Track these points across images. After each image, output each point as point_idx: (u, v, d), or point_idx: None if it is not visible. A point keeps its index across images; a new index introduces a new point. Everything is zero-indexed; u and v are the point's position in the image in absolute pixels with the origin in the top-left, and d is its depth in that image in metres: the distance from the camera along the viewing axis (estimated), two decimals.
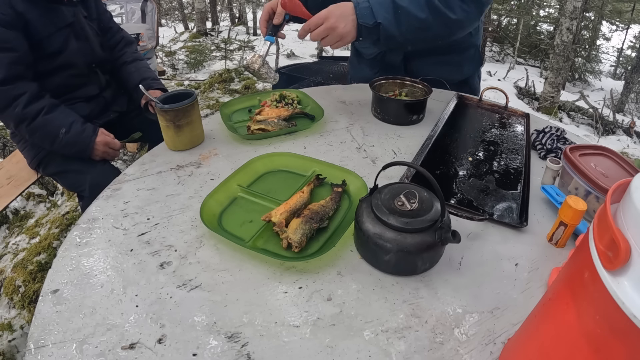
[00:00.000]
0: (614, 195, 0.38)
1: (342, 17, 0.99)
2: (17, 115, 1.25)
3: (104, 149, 1.40)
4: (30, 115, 1.27)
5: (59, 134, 1.30)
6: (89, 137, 1.36)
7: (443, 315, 0.62)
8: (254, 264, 0.70)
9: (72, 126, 1.33)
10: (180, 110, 0.98)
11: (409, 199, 0.68)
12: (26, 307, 1.74)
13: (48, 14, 1.31)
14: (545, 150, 1.05)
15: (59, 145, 1.33)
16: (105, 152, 1.41)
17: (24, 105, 1.25)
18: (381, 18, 1.01)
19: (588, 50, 7.57)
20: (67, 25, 1.37)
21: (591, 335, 0.36)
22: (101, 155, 1.41)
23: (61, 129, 1.31)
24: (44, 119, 1.29)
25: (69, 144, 1.34)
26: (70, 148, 1.35)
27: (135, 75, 1.59)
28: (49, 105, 1.30)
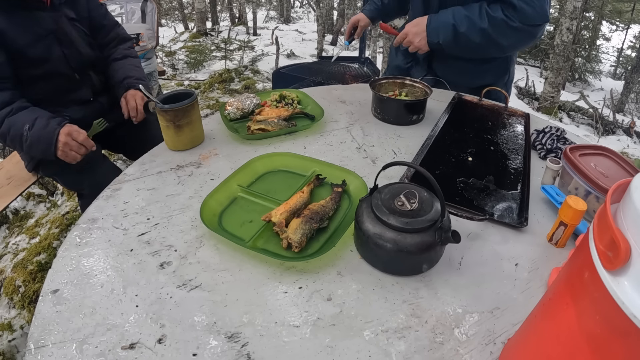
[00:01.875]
0: (614, 195, 0.38)
1: (416, 34, 1.30)
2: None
3: (65, 140, 1.16)
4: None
5: (23, 132, 1.16)
6: (52, 130, 1.16)
7: (443, 315, 0.62)
8: (254, 264, 0.70)
9: (36, 122, 1.17)
10: (180, 110, 0.98)
11: (409, 199, 0.68)
12: (26, 307, 1.74)
13: (25, 23, 1.23)
14: (545, 150, 1.05)
15: (26, 145, 1.18)
16: (67, 143, 1.17)
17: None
18: (442, 39, 1.26)
19: (588, 50, 7.57)
20: (49, 33, 1.27)
21: (591, 335, 0.36)
22: (62, 148, 1.17)
23: (24, 126, 1.17)
24: (9, 121, 1.17)
25: (34, 142, 1.17)
26: (36, 146, 1.18)
27: (120, 72, 1.46)
28: (16, 108, 1.19)
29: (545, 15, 1.19)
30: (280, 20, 9.65)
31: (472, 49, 1.27)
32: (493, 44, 1.25)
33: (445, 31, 1.25)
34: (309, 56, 6.10)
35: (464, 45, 1.26)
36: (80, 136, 1.19)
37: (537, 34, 1.22)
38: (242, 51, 5.99)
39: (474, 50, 1.28)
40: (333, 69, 3.21)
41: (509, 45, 1.26)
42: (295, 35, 7.37)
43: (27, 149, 1.20)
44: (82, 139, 1.19)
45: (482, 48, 1.26)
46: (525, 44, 1.29)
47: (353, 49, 6.23)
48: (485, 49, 1.27)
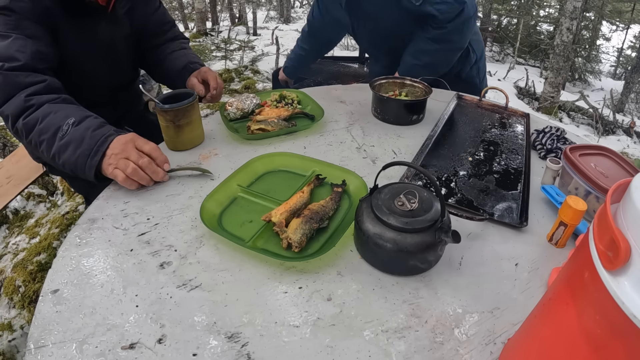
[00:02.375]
0: (614, 195, 0.38)
1: None
2: (18, 103, 0.90)
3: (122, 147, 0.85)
4: (33, 104, 0.90)
5: (63, 125, 0.87)
6: (104, 135, 0.87)
7: (443, 315, 0.62)
8: (254, 264, 0.70)
9: (87, 119, 0.89)
10: (180, 110, 0.98)
11: (409, 199, 0.68)
12: (26, 307, 1.74)
13: (82, 30, 1.08)
14: (545, 150, 1.05)
15: (59, 145, 0.87)
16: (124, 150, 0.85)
17: (31, 92, 0.91)
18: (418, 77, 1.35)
19: (588, 50, 7.57)
20: (101, 46, 1.14)
21: (591, 335, 0.36)
22: (116, 164, 0.84)
23: (69, 119, 0.88)
24: (49, 107, 0.90)
25: (74, 142, 0.86)
26: (73, 150, 0.86)
27: (182, 59, 1.26)
28: (64, 98, 0.95)
29: (460, 1, 1.32)
30: (280, 20, 9.65)
31: (443, 65, 1.48)
32: (451, 51, 1.45)
33: (413, 72, 1.43)
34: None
35: (435, 68, 1.45)
36: (148, 145, 0.88)
37: (467, 16, 1.35)
38: (242, 51, 5.99)
39: (445, 65, 1.49)
40: (333, 69, 3.21)
41: (461, 40, 1.43)
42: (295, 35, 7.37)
43: (58, 150, 0.87)
44: (149, 148, 0.87)
45: (447, 59, 1.48)
46: (470, 28, 1.40)
47: (353, 49, 6.22)
48: (451, 57, 1.48)
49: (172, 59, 1.28)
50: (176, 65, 1.25)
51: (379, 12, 1.44)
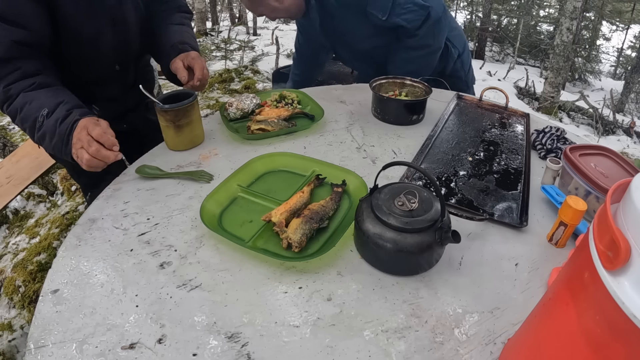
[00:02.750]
0: (614, 195, 0.38)
1: None
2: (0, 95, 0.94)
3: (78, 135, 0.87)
4: (11, 94, 0.93)
5: (39, 117, 0.91)
6: (70, 124, 0.89)
7: (443, 315, 0.62)
8: (254, 264, 0.70)
9: (58, 108, 0.92)
10: (180, 110, 0.98)
11: (409, 199, 0.68)
12: (26, 307, 1.74)
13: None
14: (545, 150, 1.05)
15: (38, 135, 0.93)
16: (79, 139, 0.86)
17: (8, 82, 0.93)
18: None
19: (588, 50, 7.57)
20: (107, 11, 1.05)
21: (591, 335, 0.36)
22: (76, 152, 0.87)
23: (42, 110, 0.91)
24: (25, 97, 0.93)
25: (48, 132, 0.90)
26: (49, 139, 0.91)
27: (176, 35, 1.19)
28: (38, 83, 0.95)
29: (423, 6, 1.34)
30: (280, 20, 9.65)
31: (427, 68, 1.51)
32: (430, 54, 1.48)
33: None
34: None
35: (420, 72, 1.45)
36: (95, 131, 0.86)
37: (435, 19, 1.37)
38: (242, 51, 5.99)
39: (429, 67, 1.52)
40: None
41: (436, 42, 1.45)
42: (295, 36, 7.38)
43: (39, 140, 0.94)
44: (96, 133, 0.85)
45: (430, 62, 1.51)
46: (441, 29, 1.43)
47: None
48: (432, 60, 1.51)
49: (166, 33, 1.21)
50: (167, 41, 1.18)
51: (352, 30, 1.47)
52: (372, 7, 1.34)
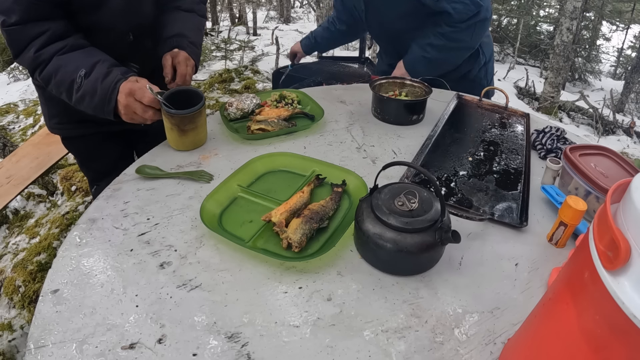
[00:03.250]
0: (614, 195, 0.38)
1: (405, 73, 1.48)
2: (29, 59, 0.93)
3: (126, 102, 0.91)
4: (43, 59, 0.92)
5: (76, 78, 0.91)
6: (113, 83, 0.92)
7: (443, 315, 0.62)
8: (254, 264, 0.70)
9: (96, 67, 0.92)
10: (186, 117, 0.95)
11: (409, 199, 0.68)
12: (26, 307, 1.74)
13: None
14: (545, 150, 1.05)
15: (77, 97, 0.93)
16: (128, 106, 0.91)
17: (39, 46, 0.91)
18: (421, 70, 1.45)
19: (588, 50, 7.57)
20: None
21: (591, 335, 0.36)
22: (124, 112, 0.93)
23: (80, 71, 0.91)
24: (59, 60, 0.92)
25: (88, 93, 0.92)
26: (89, 100, 0.93)
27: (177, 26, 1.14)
28: (71, 45, 0.94)
29: (476, 2, 1.31)
30: (280, 20, 9.65)
31: (449, 63, 1.48)
32: (460, 50, 1.45)
33: (420, 63, 1.46)
34: (309, 56, 6.09)
35: (441, 65, 1.46)
36: (146, 97, 0.91)
37: (481, 19, 1.35)
38: (242, 51, 5.99)
39: (452, 63, 1.49)
40: (333, 69, 3.21)
41: (472, 41, 1.43)
42: (295, 35, 7.37)
43: (77, 101, 0.94)
44: (147, 100, 0.91)
45: (455, 58, 1.47)
46: (482, 30, 1.41)
47: (353, 49, 6.22)
48: (458, 57, 1.48)
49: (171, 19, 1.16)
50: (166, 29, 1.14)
51: (393, 4, 1.43)
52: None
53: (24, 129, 3.57)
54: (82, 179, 2.54)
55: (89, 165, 1.37)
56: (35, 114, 3.92)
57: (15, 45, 0.93)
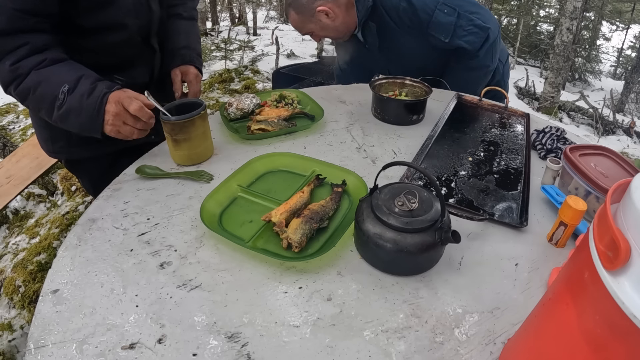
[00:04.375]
0: (614, 195, 0.38)
1: None
2: (4, 72, 0.86)
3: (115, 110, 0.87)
4: (20, 73, 0.86)
5: (59, 94, 0.86)
6: (99, 96, 0.87)
7: (443, 315, 0.62)
8: (254, 264, 0.70)
9: (80, 82, 0.87)
10: (176, 124, 0.90)
11: (409, 199, 0.68)
12: (26, 307, 1.74)
13: None
14: (545, 150, 1.05)
15: (59, 114, 0.88)
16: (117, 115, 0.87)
17: (15, 59, 0.85)
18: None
19: (588, 50, 7.57)
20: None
21: (591, 335, 0.36)
22: (112, 122, 0.87)
23: (62, 86, 0.86)
24: (38, 75, 0.86)
25: (73, 110, 0.86)
26: (75, 117, 0.87)
27: (182, 38, 1.14)
28: (50, 58, 0.87)
29: (483, 27, 1.37)
30: (280, 20, 9.65)
31: (483, 84, 1.52)
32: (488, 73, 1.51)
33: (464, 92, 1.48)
34: (309, 56, 6.10)
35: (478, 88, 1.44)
36: (133, 105, 0.86)
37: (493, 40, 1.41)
38: (242, 51, 5.99)
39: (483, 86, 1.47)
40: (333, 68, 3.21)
41: (493, 62, 1.49)
42: (295, 35, 7.37)
43: (60, 119, 0.88)
44: (134, 109, 0.86)
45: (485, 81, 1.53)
46: (498, 47, 1.47)
47: None
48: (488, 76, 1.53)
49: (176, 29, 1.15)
50: (173, 41, 1.14)
51: (410, 51, 1.49)
52: (434, 30, 1.36)
53: (24, 129, 3.57)
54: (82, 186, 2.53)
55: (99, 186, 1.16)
56: None
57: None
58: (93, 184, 1.28)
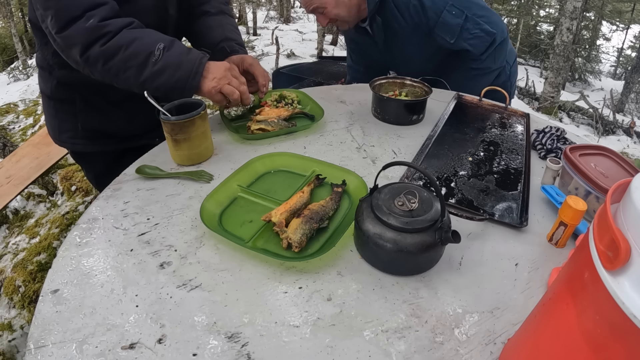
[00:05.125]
0: (614, 195, 0.38)
1: None
2: (88, 29, 0.84)
3: (223, 74, 0.93)
4: (109, 30, 0.86)
5: (154, 51, 0.88)
6: (198, 58, 0.92)
7: (443, 315, 0.62)
8: (254, 264, 0.70)
9: (175, 43, 0.91)
10: (176, 124, 0.90)
11: (409, 199, 0.68)
12: (26, 307, 1.74)
13: None
14: (545, 150, 1.05)
15: (153, 70, 0.89)
16: (225, 77, 0.93)
17: (101, 17, 0.85)
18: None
19: (588, 50, 7.57)
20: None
21: (591, 335, 0.36)
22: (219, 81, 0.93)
23: (158, 44, 0.88)
24: (131, 33, 0.87)
25: (171, 65, 0.89)
26: (171, 71, 0.89)
27: (217, 31, 1.13)
28: (138, 24, 0.91)
29: (490, 32, 1.36)
30: (280, 20, 9.65)
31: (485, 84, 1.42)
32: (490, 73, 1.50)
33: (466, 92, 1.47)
34: (309, 56, 6.10)
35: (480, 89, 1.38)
36: (242, 77, 0.96)
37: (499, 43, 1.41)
38: None
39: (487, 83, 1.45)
40: (333, 69, 3.21)
41: (496, 64, 1.48)
42: (295, 35, 7.37)
43: (152, 76, 0.89)
44: (244, 79, 0.96)
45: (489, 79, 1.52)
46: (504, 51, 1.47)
47: None
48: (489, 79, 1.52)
49: (207, 25, 1.14)
50: (209, 37, 1.13)
51: (415, 50, 1.50)
52: (441, 30, 1.37)
53: (24, 129, 3.57)
54: (82, 179, 2.54)
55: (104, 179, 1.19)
56: (35, 114, 3.92)
57: (66, 14, 0.84)
58: (96, 178, 1.30)
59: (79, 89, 1.10)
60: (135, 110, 1.16)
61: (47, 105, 1.17)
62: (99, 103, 1.13)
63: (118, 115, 1.17)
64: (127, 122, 1.19)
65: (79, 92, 1.11)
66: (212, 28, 1.14)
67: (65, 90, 1.11)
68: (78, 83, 1.08)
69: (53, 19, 0.85)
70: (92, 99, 1.12)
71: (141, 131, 1.24)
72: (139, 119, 1.20)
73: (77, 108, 1.13)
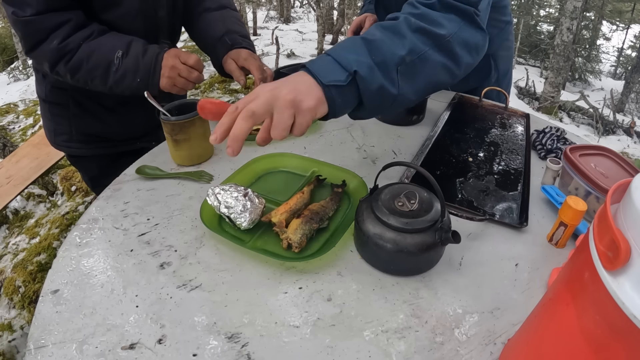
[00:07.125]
0: (614, 195, 0.38)
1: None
2: (51, 51, 0.89)
3: (172, 63, 0.93)
4: (71, 48, 0.89)
5: (114, 59, 0.91)
6: (154, 55, 0.93)
7: (443, 315, 0.62)
8: (254, 264, 0.70)
9: (132, 46, 0.93)
10: (176, 124, 0.91)
11: (409, 199, 0.68)
12: (26, 307, 1.74)
13: None
14: (545, 151, 1.05)
15: (115, 78, 0.93)
16: (174, 67, 0.93)
17: (63, 36, 0.88)
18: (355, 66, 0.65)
19: (588, 50, 7.57)
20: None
21: (591, 335, 0.36)
22: (169, 74, 0.94)
23: (116, 52, 0.91)
24: (89, 46, 0.90)
25: (130, 71, 0.92)
26: (132, 77, 0.93)
27: (219, 25, 1.11)
28: (97, 30, 0.92)
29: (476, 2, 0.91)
30: (280, 20, 9.65)
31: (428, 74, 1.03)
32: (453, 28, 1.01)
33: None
34: (309, 56, 6.10)
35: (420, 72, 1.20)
36: (191, 59, 0.95)
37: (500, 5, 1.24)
38: None
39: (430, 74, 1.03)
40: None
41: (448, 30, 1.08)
42: (295, 35, 7.37)
43: (116, 83, 0.94)
44: (192, 62, 0.95)
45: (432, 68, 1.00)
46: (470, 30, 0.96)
47: None
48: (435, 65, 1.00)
49: (208, 21, 1.13)
50: (210, 32, 1.11)
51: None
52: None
53: (24, 129, 3.57)
54: (82, 180, 2.54)
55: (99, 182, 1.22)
56: (35, 114, 3.93)
57: (32, 38, 0.89)
58: (92, 180, 1.31)
59: (72, 93, 1.11)
60: (129, 115, 1.17)
61: (43, 108, 1.18)
62: (93, 107, 1.14)
63: (112, 119, 1.17)
64: (121, 126, 1.20)
65: (72, 96, 1.12)
66: (213, 23, 1.13)
67: (59, 94, 1.12)
68: (71, 87, 1.09)
69: (22, 41, 0.91)
70: (86, 103, 1.13)
71: (136, 135, 1.24)
72: (133, 123, 1.21)
73: (71, 112, 1.14)
